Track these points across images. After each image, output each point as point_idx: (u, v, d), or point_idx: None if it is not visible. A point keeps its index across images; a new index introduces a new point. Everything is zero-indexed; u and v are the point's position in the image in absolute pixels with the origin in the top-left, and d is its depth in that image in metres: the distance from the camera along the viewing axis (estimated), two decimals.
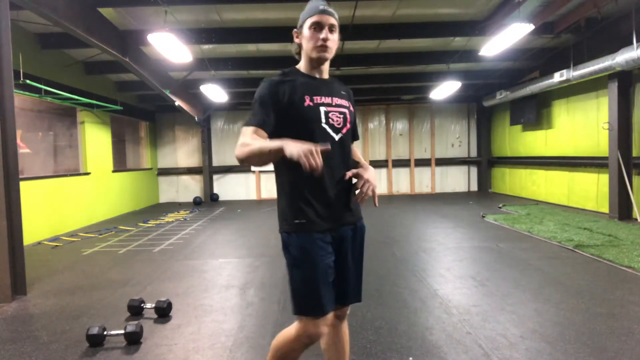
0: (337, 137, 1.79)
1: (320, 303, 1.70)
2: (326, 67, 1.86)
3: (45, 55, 7.09)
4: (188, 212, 10.03)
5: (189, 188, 12.85)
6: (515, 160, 11.18)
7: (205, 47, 7.71)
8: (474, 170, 13.15)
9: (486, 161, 12.76)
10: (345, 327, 1.93)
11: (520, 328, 2.95)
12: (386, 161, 12.98)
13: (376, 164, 12.94)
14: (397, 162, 12.98)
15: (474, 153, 13.08)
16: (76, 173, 8.33)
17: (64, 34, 6.47)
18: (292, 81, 1.78)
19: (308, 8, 1.80)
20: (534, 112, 9.72)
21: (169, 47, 6.01)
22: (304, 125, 1.74)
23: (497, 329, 2.95)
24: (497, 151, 12.39)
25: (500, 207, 9.14)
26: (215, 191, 12.78)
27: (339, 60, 8.53)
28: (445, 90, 10.35)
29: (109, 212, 9.32)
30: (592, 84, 7.90)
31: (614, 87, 7.15)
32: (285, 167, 1.75)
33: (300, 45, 1.84)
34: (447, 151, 13.09)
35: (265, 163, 1.67)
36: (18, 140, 5.11)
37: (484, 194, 12.37)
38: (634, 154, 7.12)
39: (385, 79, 10.30)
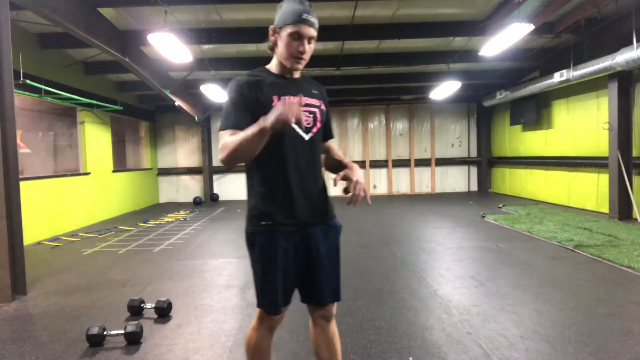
0: (307, 137, 1.79)
1: (276, 302, 1.77)
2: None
3: (45, 55, 7.09)
4: (188, 212, 10.03)
5: (189, 188, 12.85)
6: (515, 160, 11.18)
7: (205, 47, 7.71)
8: (474, 170, 13.15)
9: (486, 161, 12.76)
10: (333, 326, 1.93)
11: (520, 328, 2.95)
12: (386, 161, 12.98)
13: (376, 164, 12.96)
14: (397, 162, 12.98)
15: (474, 153, 13.08)
16: (76, 173, 8.33)
17: (64, 34, 6.46)
18: (261, 81, 1.76)
19: (291, 10, 1.71)
20: (534, 112, 9.72)
21: (169, 47, 6.01)
22: None
23: (497, 329, 2.95)
24: (497, 151, 12.39)
25: (500, 207, 9.14)
26: (215, 191, 12.78)
27: (339, 60, 8.54)
28: (445, 90, 10.35)
29: (109, 212, 9.32)
30: (592, 84, 7.90)
31: (614, 87, 7.15)
32: (256, 169, 1.77)
33: (274, 44, 1.79)
34: (447, 151, 13.09)
35: (252, 154, 1.65)
36: (18, 140, 5.11)
37: (484, 194, 12.37)
38: (634, 154, 7.12)
39: (385, 79, 10.30)
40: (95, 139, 8.98)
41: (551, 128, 9.50)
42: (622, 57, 6.34)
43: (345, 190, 1.76)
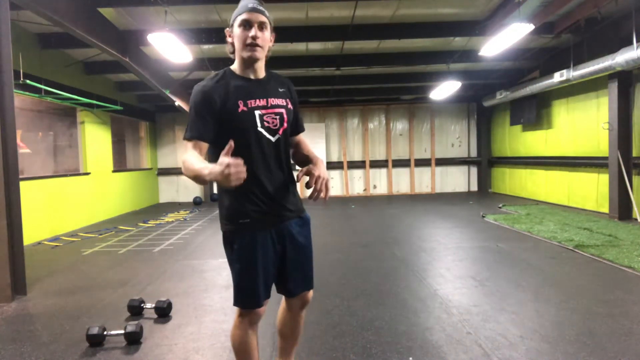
0: (273, 139, 1.82)
1: (257, 296, 1.81)
2: (261, 65, 1.83)
3: (45, 55, 7.09)
4: (188, 212, 10.03)
5: (189, 188, 12.84)
6: (515, 160, 11.18)
7: (205, 47, 7.71)
8: (474, 170, 13.15)
9: (486, 161, 12.76)
10: (303, 313, 2.07)
11: (520, 328, 2.95)
12: (386, 161, 12.98)
13: (376, 164, 12.97)
14: (397, 162, 12.98)
15: (474, 153, 13.08)
16: (76, 173, 8.33)
17: (64, 34, 6.46)
18: (225, 85, 1.75)
19: (239, 7, 1.78)
20: (534, 112, 9.72)
21: (169, 47, 6.01)
22: (239, 132, 1.74)
23: (497, 329, 2.95)
24: (497, 151, 12.39)
25: (500, 207, 9.14)
26: (215, 191, 12.77)
27: (339, 60, 8.54)
28: (445, 90, 10.35)
29: (109, 212, 9.32)
30: (592, 84, 7.90)
31: (614, 87, 7.15)
32: None
33: (233, 45, 1.81)
34: (447, 151, 13.09)
35: (205, 183, 1.69)
36: (18, 140, 5.11)
37: (484, 194, 12.37)
38: (634, 154, 7.12)
39: (385, 79, 10.30)
40: (95, 139, 8.98)
41: (551, 128, 9.50)
42: (622, 57, 6.34)
43: (307, 185, 1.76)
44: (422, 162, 13.01)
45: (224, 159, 1.44)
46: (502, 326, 2.99)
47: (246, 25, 1.74)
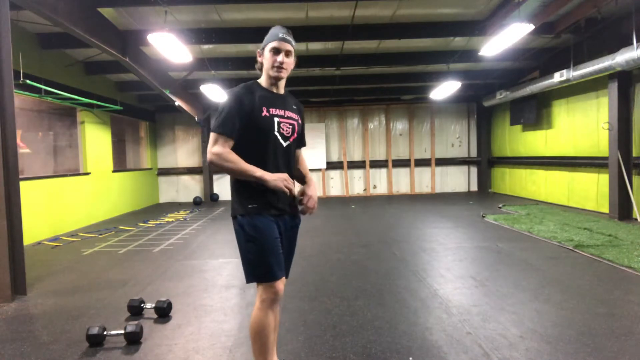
0: (285, 144, 2.16)
1: (273, 270, 2.05)
2: (282, 83, 2.22)
3: (45, 55, 7.09)
4: (188, 212, 10.03)
5: (189, 188, 12.85)
6: (515, 160, 11.18)
7: (205, 47, 7.71)
8: (474, 170, 13.15)
9: (486, 161, 12.76)
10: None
11: (520, 328, 2.95)
12: (386, 161, 12.98)
13: (376, 164, 12.96)
14: (397, 162, 12.98)
15: (474, 153, 13.08)
16: (76, 173, 8.33)
17: (64, 34, 6.47)
18: (253, 93, 2.11)
19: (270, 34, 2.16)
20: (534, 112, 9.72)
21: (169, 47, 6.01)
22: (260, 132, 2.08)
23: (497, 329, 2.95)
24: (497, 151, 12.39)
25: (500, 207, 9.14)
26: (215, 191, 12.79)
27: (339, 60, 8.54)
28: (445, 90, 10.35)
29: (109, 212, 9.32)
30: (592, 84, 7.90)
31: (614, 87, 7.15)
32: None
33: (262, 64, 2.20)
34: (447, 151, 13.09)
35: (236, 177, 2.08)
36: (18, 140, 5.11)
37: (484, 194, 12.37)
38: (634, 154, 7.12)
39: (385, 79, 10.30)
40: (95, 139, 8.98)
41: (551, 128, 9.50)
42: (622, 57, 6.34)
43: (300, 202, 2.19)
44: (422, 162, 13.01)
45: (283, 175, 2.05)
46: (502, 326, 2.99)
47: (275, 51, 2.13)
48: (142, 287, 4.16)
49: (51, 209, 7.21)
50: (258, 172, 2.00)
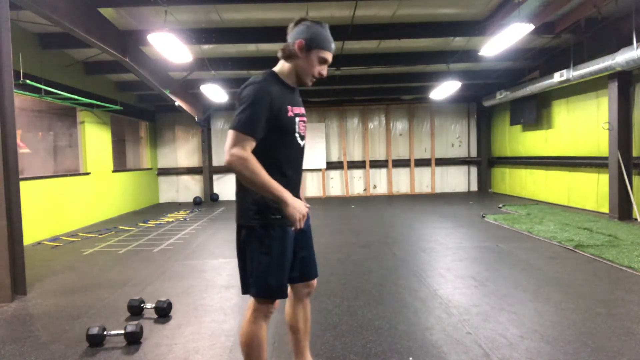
0: (302, 144, 2.00)
1: (284, 287, 1.95)
2: None
3: (45, 55, 7.09)
4: (188, 212, 10.03)
5: (189, 188, 12.85)
6: (515, 160, 11.18)
7: (205, 47, 7.71)
8: (474, 170, 13.15)
9: (486, 161, 12.76)
10: (309, 301, 2.23)
11: (520, 328, 2.95)
12: (386, 161, 12.98)
13: (376, 164, 12.96)
14: (397, 162, 12.98)
15: (474, 153, 13.08)
16: (76, 173, 8.33)
17: (64, 34, 6.46)
18: (276, 89, 1.86)
19: (324, 38, 1.89)
20: (534, 112, 9.72)
21: (169, 47, 6.01)
22: (284, 134, 1.89)
23: (497, 329, 2.95)
24: (497, 151, 12.39)
25: (500, 207, 9.14)
26: (215, 191, 12.78)
27: (339, 60, 8.54)
28: (445, 90, 10.35)
29: (109, 212, 9.32)
30: (592, 84, 7.90)
31: (614, 87, 7.15)
32: (264, 168, 1.80)
33: (296, 56, 1.89)
34: (447, 151, 13.09)
35: (269, 196, 1.81)
36: (18, 140, 5.11)
37: (484, 194, 12.37)
38: (634, 154, 7.12)
39: (385, 79, 10.30)
40: (95, 139, 8.98)
41: (551, 128, 9.50)
42: (622, 57, 6.34)
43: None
44: (422, 162, 13.01)
45: (304, 209, 1.82)
46: (502, 326, 2.99)
47: (324, 62, 1.92)
48: (142, 287, 4.16)
49: (51, 209, 7.21)
50: (281, 191, 1.75)
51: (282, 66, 1.94)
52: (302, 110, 1.99)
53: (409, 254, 5.23)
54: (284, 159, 1.91)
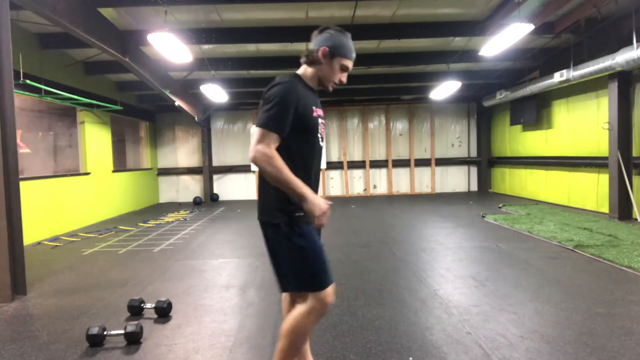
0: (321, 145, 2.06)
1: (329, 274, 1.95)
2: None
3: (45, 55, 7.09)
4: (188, 212, 10.03)
5: (189, 188, 12.85)
6: (515, 160, 11.18)
7: (205, 47, 7.71)
8: (474, 170, 13.15)
9: (486, 161, 12.76)
10: None
11: (520, 328, 2.95)
12: (386, 161, 12.98)
13: (376, 164, 12.96)
14: (397, 162, 12.98)
15: (474, 153, 13.08)
16: (76, 173, 8.33)
17: (64, 34, 6.47)
18: (303, 90, 1.93)
19: (347, 47, 1.99)
20: (534, 112, 9.72)
21: (169, 47, 6.01)
22: (308, 133, 1.94)
23: (497, 329, 2.95)
24: (497, 151, 12.39)
25: (500, 207, 9.14)
26: (215, 191, 12.78)
27: None
28: (445, 90, 10.35)
29: (109, 212, 9.32)
30: (592, 84, 7.90)
31: (614, 87, 7.15)
32: (288, 166, 1.84)
33: (319, 63, 1.98)
34: (447, 151, 13.09)
35: (289, 192, 1.84)
36: (18, 140, 5.11)
37: (484, 194, 12.37)
38: (634, 154, 7.12)
39: (385, 79, 10.30)
40: (95, 139, 8.98)
41: (551, 128, 9.50)
42: (622, 57, 6.34)
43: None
44: (422, 162, 13.01)
45: (327, 205, 1.82)
46: (502, 326, 2.99)
47: (345, 69, 2.03)
48: (142, 287, 4.16)
49: (51, 209, 7.21)
50: (302, 188, 1.80)
51: (305, 70, 2.02)
52: (322, 113, 2.07)
53: (409, 254, 5.23)
54: (306, 157, 1.96)
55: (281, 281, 2.01)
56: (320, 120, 2.01)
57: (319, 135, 2.01)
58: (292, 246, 1.90)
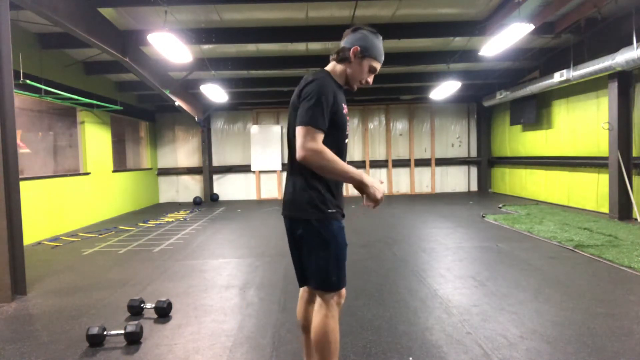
0: (347, 141, 2.07)
1: (345, 276, 2.06)
2: None
3: (45, 55, 7.09)
4: (188, 212, 10.03)
5: (189, 188, 12.85)
6: (515, 160, 11.18)
7: (205, 47, 7.71)
8: (474, 170, 13.15)
9: (486, 161, 12.76)
10: None
11: (520, 328, 2.95)
12: (386, 161, 12.98)
13: (376, 164, 12.96)
14: (397, 162, 12.98)
15: (474, 153, 13.08)
16: (76, 173, 8.33)
17: (64, 34, 6.47)
18: (335, 86, 1.95)
19: (379, 49, 2.01)
20: (534, 112, 9.72)
21: (169, 47, 6.00)
22: (339, 129, 1.95)
23: (497, 329, 2.95)
24: (497, 151, 12.39)
25: (500, 207, 9.14)
26: (215, 191, 12.78)
27: None
28: (445, 90, 10.35)
29: (109, 212, 9.32)
30: (592, 84, 7.90)
31: (614, 87, 7.15)
32: None
33: (349, 61, 1.99)
34: (447, 151, 13.09)
35: (330, 177, 1.89)
36: (18, 140, 5.11)
37: (484, 194, 12.37)
38: (634, 154, 7.12)
39: (385, 79, 10.31)
40: (95, 139, 8.98)
41: (551, 128, 9.50)
42: (622, 57, 6.34)
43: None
44: (422, 162, 13.01)
45: (381, 186, 1.91)
46: (502, 326, 2.99)
47: (372, 70, 2.04)
48: (142, 287, 4.16)
49: (51, 209, 7.21)
50: (360, 174, 1.85)
51: (333, 67, 2.04)
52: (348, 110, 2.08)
53: (409, 254, 5.23)
54: (338, 152, 1.93)
55: (303, 275, 2.07)
56: (348, 117, 2.04)
57: (347, 132, 2.04)
58: (321, 242, 1.93)
